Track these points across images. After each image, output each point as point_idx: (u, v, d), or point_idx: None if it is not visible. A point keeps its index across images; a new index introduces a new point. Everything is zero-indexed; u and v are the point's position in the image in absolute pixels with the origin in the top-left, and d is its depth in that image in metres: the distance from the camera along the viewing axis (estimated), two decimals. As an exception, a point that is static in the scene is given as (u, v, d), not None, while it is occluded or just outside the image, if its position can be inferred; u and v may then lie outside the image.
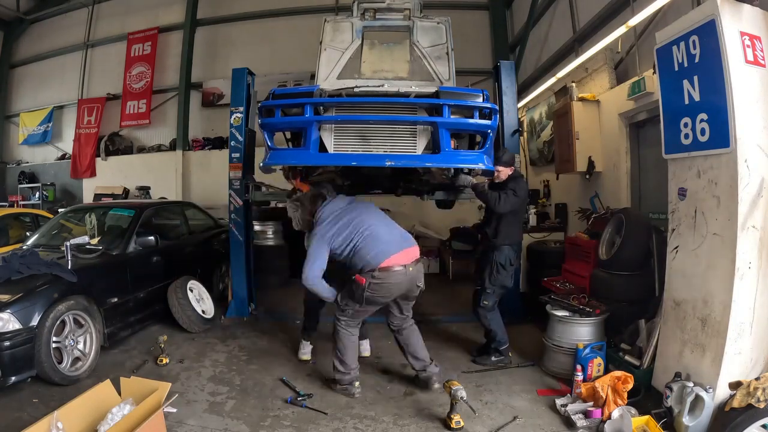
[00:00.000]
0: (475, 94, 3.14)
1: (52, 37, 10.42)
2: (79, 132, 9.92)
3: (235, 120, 4.91)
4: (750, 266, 2.49)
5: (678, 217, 2.90)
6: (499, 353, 3.77)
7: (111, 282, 4.02)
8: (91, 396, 2.60)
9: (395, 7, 3.97)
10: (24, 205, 9.23)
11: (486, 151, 3.18)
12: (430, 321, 5.00)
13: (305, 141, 3.10)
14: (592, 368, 3.20)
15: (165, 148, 9.69)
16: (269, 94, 3.25)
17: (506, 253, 3.72)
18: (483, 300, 3.75)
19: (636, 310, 3.43)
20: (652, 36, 3.68)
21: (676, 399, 2.61)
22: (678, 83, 2.78)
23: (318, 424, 2.90)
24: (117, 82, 9.81)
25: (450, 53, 3.84)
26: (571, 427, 2.79)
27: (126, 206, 5.17)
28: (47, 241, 4.63)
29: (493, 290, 3.74)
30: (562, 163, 5.63)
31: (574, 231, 5.27)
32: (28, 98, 10.65)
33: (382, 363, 3.87)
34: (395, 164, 3.07)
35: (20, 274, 3.41)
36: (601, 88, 5.17)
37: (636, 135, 4.76)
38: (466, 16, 8.77)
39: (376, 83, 3.47)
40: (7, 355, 3.03)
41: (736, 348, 2.52)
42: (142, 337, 4.36)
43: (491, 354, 3.80)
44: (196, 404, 3.15)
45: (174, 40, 9.68)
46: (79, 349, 3.54)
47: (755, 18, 2.58)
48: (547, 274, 4.72)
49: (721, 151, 2.53)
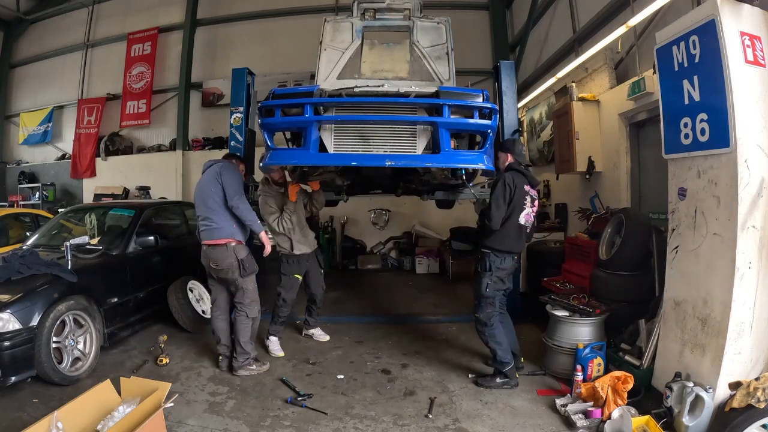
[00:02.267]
0: (475, 94, 3.14)
1: (52, 37, 10.41)
2: (79, 132, 9.92)
3: (235, 120, 4.91)
4: (750, 266, 2.49)
5: (678, 217, 2.90)
6: (504, 375, 3.33)
7: (111, 282, 4.02)
8: (91, 396, 2.60)
9: (395, 7, 3.98)
10: (24, 205, 9.20)
11: (486, 151, 3.18)
12: (430, 321, 5.01)
13: (305, 141, 3.10)
14: (592, 368, 3.20)
15: (165, 148, 9.68)
16: (269, 94, 3.25)
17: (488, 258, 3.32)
18: (474, 313, 3.43)
19: (636, 310, 3.43)
20: (652, 36, 3.68)
21: (676, 399, 2.61)
22: (678, 83, 2.78)
23: (318, 424, 2.90)
24: (117, 82, 9.80)
25: (450, 53, 3.84)
26: (571, 427, 2.79)
27: (126, 206, 5.16)
28: (47, 241, 4.63)
29: (478, 300, 3.37)
30: (562, 163, 5.63)
31: (574, 231, 5.28)
32: (28, 98, 10.64)
33: (382, 363, 3.87)
34: (395, 164, 3.07)
35: (20, 274, 3.42)
36: (601, 88, 5.17)
37: (636, 135, 4.76)
38: (466, 16, 8.77)
39: (376, 83, 3.47)
40: (7, 355, 3.03)
41: (736, 348, 2.52)
42: (142, 337, 4.36)
43: (495, 375, 3.38)
44: (196, 404, 3.15)
45: (174, 40, 9.67)
46: (79, 349, 3.54)
47: (755, 18, 2.58)
48: (547, 274, 4.72)
49: (721, 151, 2.54)
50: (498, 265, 3.32)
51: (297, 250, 4.05)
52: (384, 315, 5.32)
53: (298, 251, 4.06)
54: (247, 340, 3.62)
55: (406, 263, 8.30)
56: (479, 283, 3.36)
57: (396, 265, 8.46)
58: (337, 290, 6.53)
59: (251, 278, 3.66)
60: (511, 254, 3.35)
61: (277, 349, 4.08)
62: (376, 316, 5.26)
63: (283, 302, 4.09)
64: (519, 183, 3.26)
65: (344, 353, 4.10)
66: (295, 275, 4.09)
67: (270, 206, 3.99)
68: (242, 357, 3.60)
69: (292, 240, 4.03)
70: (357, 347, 4.25)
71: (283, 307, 4.10)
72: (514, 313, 4.78)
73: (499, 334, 3.36)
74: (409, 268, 8.14)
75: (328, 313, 5.32)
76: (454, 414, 3.01)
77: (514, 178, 3.26)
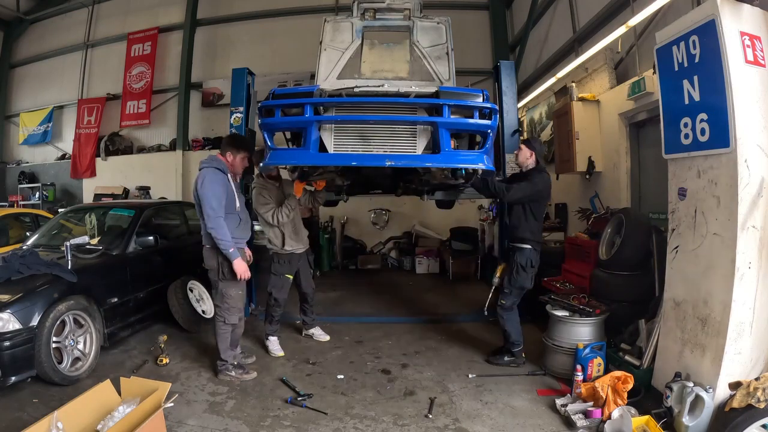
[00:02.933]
0: (475, 94, 3.14)
1: (52, 37, 10.41)
2: (79, 132, 9.92)
3: (235, 120, 4.91)
4: (750, 266, 2.49)
5: (678, 217, 2.90)
6: (512, 354, 3.75)
7: (111, 282, 4.01)
8: (91, 396, 2.60)
9: (395, 7, 3.98)
10: (24, 205, 9.20)
11: (486, 151, 3.18)
12: (430, 321, 5.01)
13: (305, 141, 3.10)
14: (592, 368, 3.20)
15: (165, 148, 9.68)
16: (269, 94, 3.25)
17: (527, 254, 3.61)
18: (500, 299, 3.73)
19: (636, 310, 3.43)
20: (652, 36, 3.68)
21: (676, 399, 2.61)
22: (678, 83, 2.78)
23: (318, 424, 2.90)
24: (117, 82, 9.80)
25: (450, 53, 3.84)
26: (571, 427, 2.79)
27: (126, 206, 5.16)
28: (47, 241, 4.63)
29: (510, 290, 3.68)
30: (562, 163, 5.64)
31: (574, 231, 5.28)
32: (28, 98, 10.64)
33: (382, 363, 3.87)
34: (395, 164, 3.07)
35: (20, 274, 3.42)
36: (601, 88, 5.18)
37: (636, 135, 4.76)
38: (466, 16, 8.77)
39: (376, 83, 3.47)
40: (7, 355, 3.03)
41: (736, 348, 2.52)
42: (142, 337, 4.36)
43: (504, 354, 3.79)
44: (196, 404, 3.15)
45: (174, 40, 9.67)
46: (79, 349, 3.54)
47: (755, 18, 2.58)
48: (547, 274, 4.71)
49: (721, 151, 2.54)
50: (536, 258, 3.66)
51: (288, 247, 4.01)
52: (384, 315, 5.32)
53: (289, 248, 4.02)
54: (226, 347, 3.50)
55: (406, 263, 8.30)
56: (521, 278, 3.63)
57: (396, 265, 8.47)
58: (337, 290, 6.54)
59: (235, 285, 3.45)
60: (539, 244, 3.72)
61: (276, 348, 4.08)
62: (376, 316, 5.26)
63: (275, 302, 4.07)
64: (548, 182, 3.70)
65: (344, 353, 4.10)
66: (286, 275, 4.07)
67: (264, 197, 3.92)
68: (220, 363, 3.52)
69: (284, 235, 3.99)
70: (357, 347, 4.25)
71: (276, 307, 4.08)
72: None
73: (516, 319, 3.75)
74: (409, 268, 8.14)
75: (328, 313, 5.33)
76: (454, 414, 3.01)
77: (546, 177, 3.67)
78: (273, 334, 4.14)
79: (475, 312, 5.31)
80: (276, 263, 4.06)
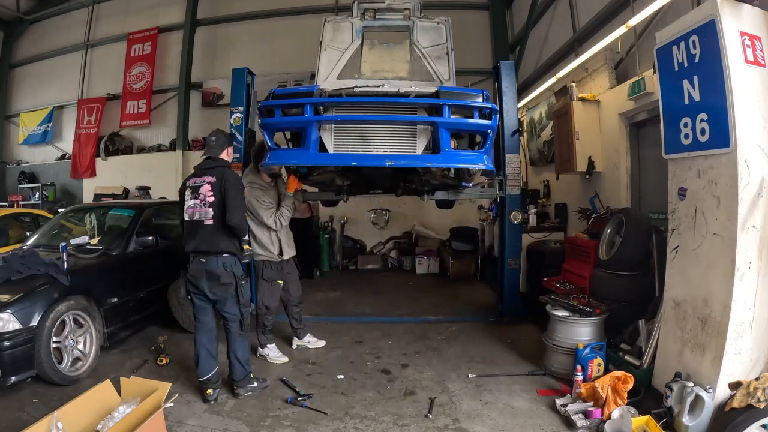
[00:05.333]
0: (475, 94, 3.14)
1: (52, 37, 10.41)
2: (79, 132, 9.91)
3: (235, 120, 4.91)
4: (750, 266, 2.49)
5: (678, 217, 2.90)
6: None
7: (111, 282, 4.01)
8: (91, 396, 2.59)
9: (395, 7, 3.98)
10: (24, 205, 9.20)
11: (486, 151, 3.18)
12: (430, 321, 5.01)
13: (305, 141, 3.10)
14: (592, 368, 3.20)
15: (165, 148, 9.68)
16: (269, 94, 3.25)
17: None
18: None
19: (636, 310, 3.43)
20: (652, 36, 3.68)
21: (676, 399, 2.61)
22: (678, 83, 2.78)
23: (318, 424, 2.90)
24: (117, 82, 9.80)
25: (450, 53, 3.84)
26: (571, 427, 2.79)
27: (126, 206, 5.17)
28: (47, 241, 4.63)
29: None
30: (562, 163, 5.63)
31: (574, 231, 5.27)
32: (28, 98, 10.64)
33: (382, 363, 3.87)
34: (395, 164, 3.07)
35: (20, 274, 3.41)
36: (601, 88, 5.17)
37: (636, 135, 4.76)
38: (466, 16, 8.77)
39: (376, 83, 3.47)
40: (7, 355, 3.03)
41: (736, 348, 2.52)
42: (142, 337, 4.36)
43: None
44: (196, 404, 3.15)
45: (174, 40, 9.67)
46: (79, 349, 3.54)
47: (755, 18, 2.58)
48: (547, 274, 4.72)
49: (721, 151, 2.53)
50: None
51: (286, 255, 3.91)
52: (384, 315, 5.32)
53: (287, 255, 3.92)
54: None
55: (406, 263, 8.29)
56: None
57: (396, 265, 8.46)
58: (337, 290, 6.54)
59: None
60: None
61: (278, 355, 3.95)
62: (376, 317, 5.26)
63: (267, 310, 3.88)
64: None
65: (344, 353, 4.10)
66: (277, 281, 3.92)
67: (266, 200, 3.78)
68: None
69: (281, 241, 3.87)
70: (357, 347, 4.24)
71: (268, 315, 3.90)
72: (514, 313, 4.83)
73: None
74: (409, 268, 8.14)
75: (328, 313, 5.33)
76: (454, 414, 3.01)
77: None
78: (270, 342, 3.98)
79: (475, 312, 5.33)
80: (268, 269, 3.87)
